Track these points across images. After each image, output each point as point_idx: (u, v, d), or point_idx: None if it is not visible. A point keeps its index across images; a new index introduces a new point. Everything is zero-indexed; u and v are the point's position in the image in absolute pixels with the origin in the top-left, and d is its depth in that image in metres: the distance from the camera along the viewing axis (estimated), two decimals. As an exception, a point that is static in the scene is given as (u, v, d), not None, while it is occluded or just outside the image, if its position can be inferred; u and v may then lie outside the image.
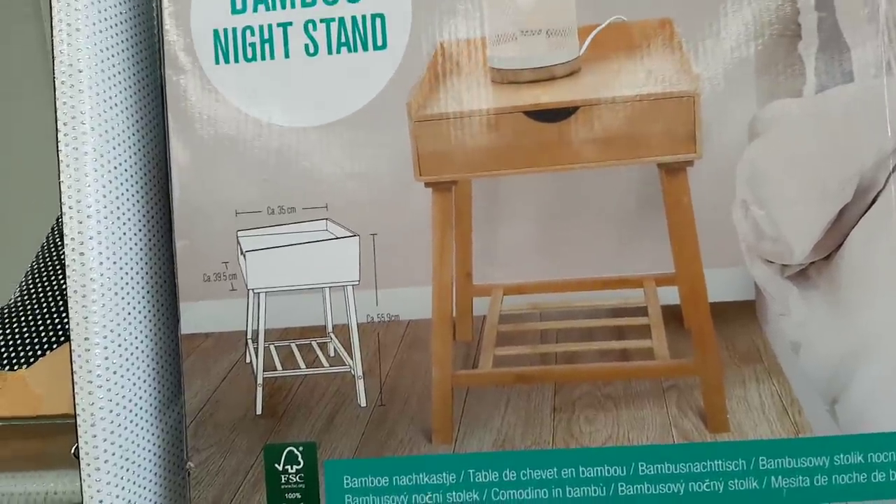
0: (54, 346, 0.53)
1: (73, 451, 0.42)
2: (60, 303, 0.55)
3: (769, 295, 0.42)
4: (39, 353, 0.53)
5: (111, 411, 0.43)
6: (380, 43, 0.44)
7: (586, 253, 0.44)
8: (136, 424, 0.44)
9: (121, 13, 0.47)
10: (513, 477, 0.42)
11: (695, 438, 0.41)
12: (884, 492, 0.40)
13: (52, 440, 0.50)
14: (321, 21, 0.44)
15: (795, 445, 0.41)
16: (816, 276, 0.42)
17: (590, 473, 0.42)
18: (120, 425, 0.43)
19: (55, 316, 0.54)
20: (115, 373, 0.43)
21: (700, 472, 0.41)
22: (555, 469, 0.42)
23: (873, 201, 0.41)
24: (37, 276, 0.58)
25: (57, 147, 0.44)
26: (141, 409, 0.45)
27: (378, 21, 0.44)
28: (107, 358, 0.43)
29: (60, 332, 0.53)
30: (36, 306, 0.55)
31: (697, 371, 0.42)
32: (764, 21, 0.42)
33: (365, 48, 0.44)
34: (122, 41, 0.47)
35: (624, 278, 0.43)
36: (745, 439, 0.41)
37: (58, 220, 0.68)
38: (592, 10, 0.43)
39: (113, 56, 0.46)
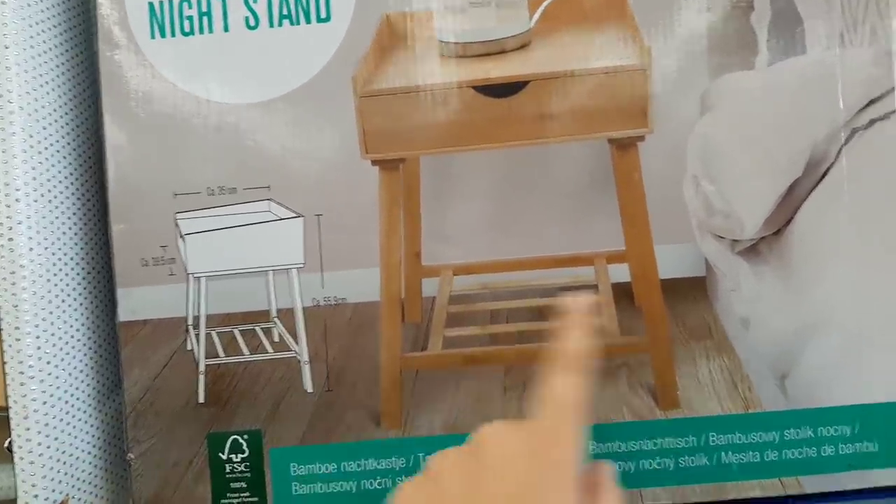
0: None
1: (6, 445, 0.40)
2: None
3: (720, 271, 0.42)
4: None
5: (45, 403, 0.41)
6: (323, 15, 0.42)
7: (537, 231, 0.43)
8: (73, 416, 0.42)
9: (50, -15, 0.44)
10: (464, 460, 0.41)
11: (646, 416, 0.41)
12: (832, 465, 0.40)
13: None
14: (261, -8, 0.43)
15: (745, 421, 0.40)
16: (767, 252, 0.42)
17: (542, 454, 0.41)
18: (55, 417, 0.41)
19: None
20: (48, 363, 0.41)
21: (651, 449, 0.40)
22: (507, 451, 0.41)
23: (824, 175, 0.41)
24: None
25: (-18, 127, 0.41)
26: (78, 399, 0.43)
27: (321, -8, 0.42)
28: (39, 348, 0.41)
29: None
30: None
31: (648, 348, 0.41)
32: (715, -9, 0.41)
33: (308, 20, 0.42)
34: (53, 16, 0.44)
35: (575, 256, 0.42)
36: (696, 416, 0.41)
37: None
38: (541, -20, 0.42)
39: (43, 32, 0.43)
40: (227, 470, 0.42)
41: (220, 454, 0.42)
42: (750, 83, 0.41)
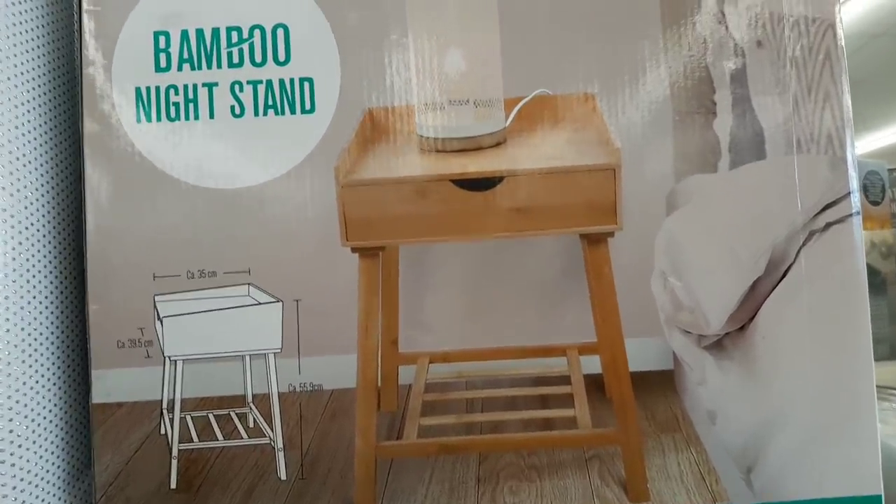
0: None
1: (-31, 531, 0.40)
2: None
3: (687, 364, 0.43)
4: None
5: (14, 487, 0.40)
6: (308, 107, 0.44)
7: (512, 320, 0.44)
8: (43, 500, 0.42)
9: (39, 66, 0.45)
10: (436, 549, 0.42)
11: (615, 509, 0.42)
12: (796, 558, 0.42)
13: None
14: (248, 83, 0.44)
15: (711, 515, 0.41)
16: (731, 347, 0.44)
17: (513, 545, 0.41)
18: (24, 502, 0.41)
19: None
20: (20, 446, 0.41)
21: (620, 542, 0.41)
22: (478, 541, 0.41)
23: (784, 274, 0.43)
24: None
25: (-37, 207, 0.42)
26: (48, 483, 0.42)
27: (306, 85, 0.44)
28: (11, 431, 0.40)
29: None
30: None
31: (619, 440, 0.42)
32: (682, 98, 0.43)
33: (293, 111, 0.44)
34: (39, 95, 0.45)
35: (547, 347, 0.43)
36: (664, 509, 0.42)
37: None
38: (519, 82, 0.44)
39: (29, 111, 0.44)
40: (197, 559, 0.42)
41: (190, 542, 0.42)
42: (714, 184, 0.44)
